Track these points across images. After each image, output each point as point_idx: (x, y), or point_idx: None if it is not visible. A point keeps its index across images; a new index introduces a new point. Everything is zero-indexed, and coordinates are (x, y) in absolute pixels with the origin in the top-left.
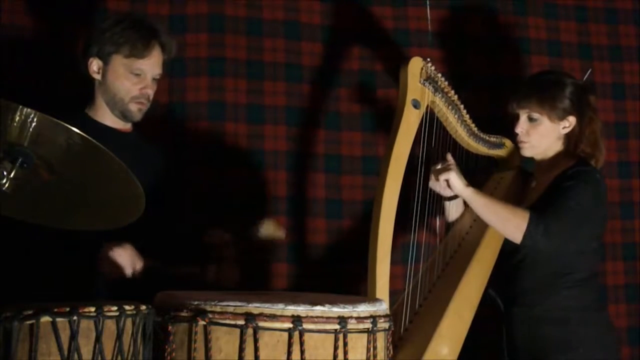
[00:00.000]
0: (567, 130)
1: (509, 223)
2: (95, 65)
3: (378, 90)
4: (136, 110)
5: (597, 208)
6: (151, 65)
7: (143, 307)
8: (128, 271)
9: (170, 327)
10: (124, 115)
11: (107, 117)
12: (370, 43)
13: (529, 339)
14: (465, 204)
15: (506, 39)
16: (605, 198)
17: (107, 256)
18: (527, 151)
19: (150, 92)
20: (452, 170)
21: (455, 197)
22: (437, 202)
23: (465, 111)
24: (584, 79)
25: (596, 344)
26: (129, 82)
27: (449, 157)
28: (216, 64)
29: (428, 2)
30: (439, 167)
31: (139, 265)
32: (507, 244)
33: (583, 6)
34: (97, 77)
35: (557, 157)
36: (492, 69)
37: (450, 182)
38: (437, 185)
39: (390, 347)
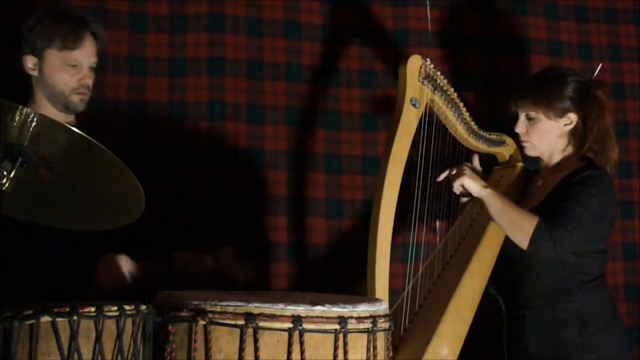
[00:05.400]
0: (569, 128)
1: (517, 228)
2: (29, 62)
3: (378, 90)
4: (78, 100)
5: (606, 212)
6: (85, 54)
7: (143, 307)
8: (126, 277)
9: (170, 327)
10: (67, 108)
11: (50, 111)
12: (370, 43)
13: (545, 343)
14: (468, 203)
15: (506, 39)
16: (614, 200)
17: (103, 267)
18: (530, 151)
19: (89, 82)
20: (465, 175)
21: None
22: (437, 201)
23: (464, 109)
24: (594, 75)
25: (616, 345)
26: (67, 74)
27: (468, 163)
28: (216, 64)
29: (428, 2)
30: (453, 172)
31: (132, 269)
32: (509, 245)
33: (583, 6)
34: (34, 73)
35: (565, 157)
36: (492, 69)
37: (466, 186)
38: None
39: (390, 347)
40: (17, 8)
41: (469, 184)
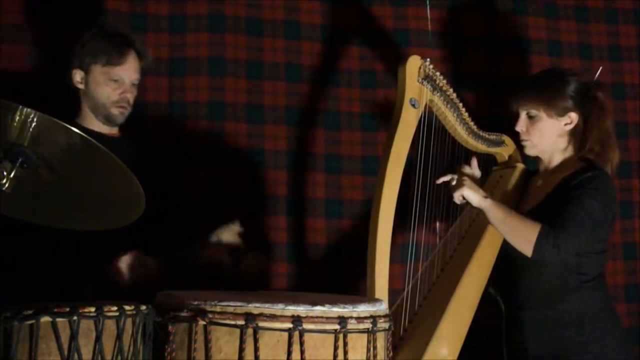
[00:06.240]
0: (569, 127)
1: (520, 236)
2: (78, 76)
3: (378, 90)
4: (118, 113)
5: (606, 213)
6: (128, 71)
7: (143, 307)
8: (137, 273)
9: (170, 327)
10: (107, 119)
11: (94, 123)
12: (370, 43)
13: (544, 343)
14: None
15: (506, 39)
16: (615, 201)
17: (118, 265)
18: (530, 150)
19: (130, 96)
20: (465, 186)
21: None
22: (437, 201)
23: (464, 109)
24: (595, 77)
25: (614, 344)
26: (109, 88)
27: (467, 168)
28: (216, 64)
29: (428, 2)
30: (453, 183)
31: (150, 263)
32: (509, 246)
33: (583, 6)
34: (81, 86)
35: (566, 158)
36: (492, 69)
37: (466, 197)
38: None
39: (390, 347)
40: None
41: (469, 194)
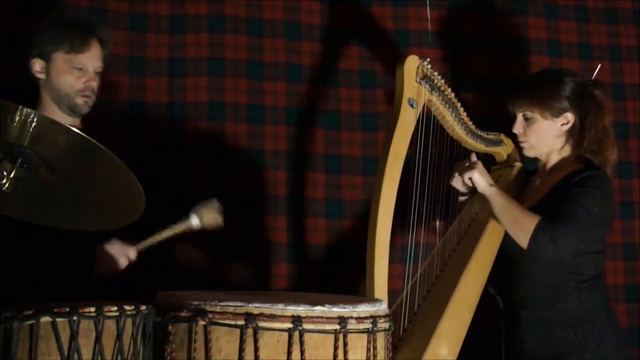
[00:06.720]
0: (566, 128)
1: (519, 226)
2: (38, 65)
3: (378, 90)
4: (83, 103)
5: (605, 212)
6: (91, 58)
7: (143, 307)
8: (122, 262)
9: (170, 327)
10: (72, 110)
11: (56, 114)
12: (370, 43)
13: (541, 342)
14: (466, 202)
15: (506, 39)
16: (613, 200)
17: (99, 255)
18: (528, 151)
19: (94, 85)
20: (476, 169)
21: (467, 194)
22: (436, 201)
23: (462, 109)
24: (594, 76)
25: (611, 344)
26: (73, 77)
27: (473, 156)
28: (216, 64)
29: (428, 2)
30: (466, 164)
31: (132, 254)
32: (508, 245)
33: (583, 6)
34: (42, 76)
35: (564, 158)
36: (492, 69)
37: (475, 180)
38: (458, 182)
39: (390, 347)
40: (25, 13)
41: (478, 178)
